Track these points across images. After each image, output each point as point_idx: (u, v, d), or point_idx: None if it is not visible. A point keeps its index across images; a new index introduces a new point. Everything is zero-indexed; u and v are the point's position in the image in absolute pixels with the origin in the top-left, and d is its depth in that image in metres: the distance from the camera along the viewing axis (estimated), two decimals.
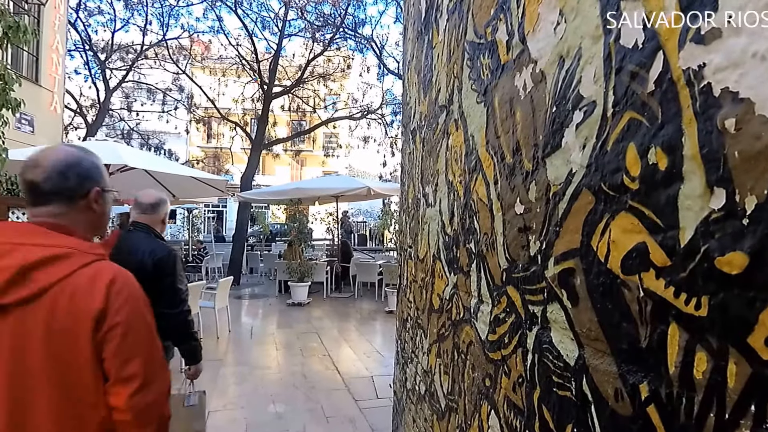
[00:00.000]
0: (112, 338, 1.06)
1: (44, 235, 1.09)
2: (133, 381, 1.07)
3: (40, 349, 1.02)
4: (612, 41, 0.78)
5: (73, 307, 1.04)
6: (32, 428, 1.02)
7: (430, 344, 2.05)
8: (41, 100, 9.01)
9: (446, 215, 1.86)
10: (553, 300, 0.96)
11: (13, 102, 3.65)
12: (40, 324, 1.02)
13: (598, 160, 0.82)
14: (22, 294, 1.02)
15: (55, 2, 9.12)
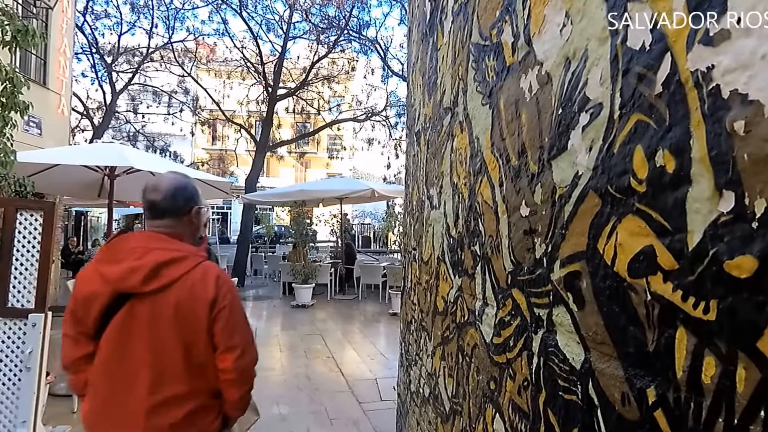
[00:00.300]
0: (221, 318, 1.42)
1: (165, 241, 1.47)
2: (236, 349, 1.44)
3: (169, 327, 1.39)
4: (619, 43, 0.77)
5: (193, 296, 1.41)
6: (168, 382, 1.39)
7: (435, 347, 2.05)
8: (49, 102, 9.08)
9: (451, 217, 1.86)
10: (559, 303, 0.95)
11: (22, 105, 3.67)
12: (169, 308, 1.39)
13: (605, 162, 0.81)
14: (156, 286, 1.39)
15: (63, 6, 9.20)
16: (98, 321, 1.42)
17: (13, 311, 2.60)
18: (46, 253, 3.05)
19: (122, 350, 1.41)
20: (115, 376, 1.41)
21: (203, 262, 1.49)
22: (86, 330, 1.45)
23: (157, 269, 1.40)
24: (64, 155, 5.71)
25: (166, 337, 1.40)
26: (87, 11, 14.32)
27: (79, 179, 6.46)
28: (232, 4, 12.98)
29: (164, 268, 1.41)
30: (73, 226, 15.49)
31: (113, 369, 1.42)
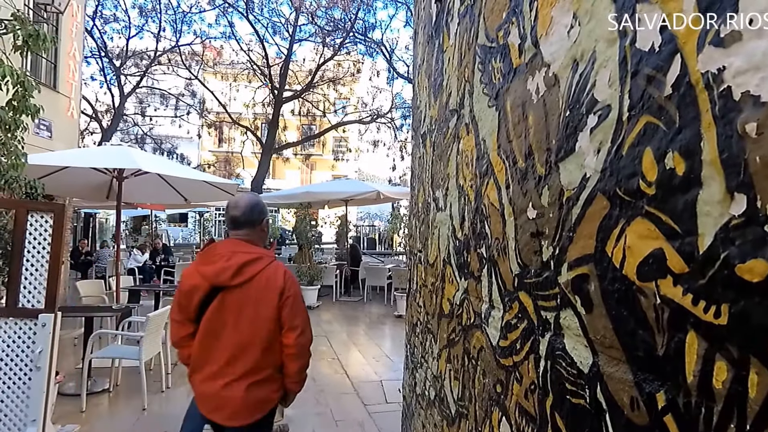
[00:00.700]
0: (287, 304, 1.87)
1: (245, 246, 1.92)
2: (297, 329, 1.88)
3: (250, 312, 1.85)
4: (627, 44, 0.77)
5: (267, 287, 1.86)
6: (248, 355, 1.84)
7: (440, 349, 2.04)
8: (59, 105, 9.16)
9: (457, 220, 1.85)
10: (567, 306, 0.95)
11: (33, 108, 3.71)
12: (251, 297, 1.85)
13: (613, 164, 0.80)
14: (240, 280, 1.85)
15: (73, 10, 9.29)
16: (198, 308, 1.88)
17: (24, 311, 2.62)
18: (56, 255, 3.07)
19: (216, 330, 1.86)
20: (210, 350, 1.87)
21: (273, 261, 1.95)
22: (189, 315, 1.91)
23: (241, 268, 1.85)
24: (73, 158, 5.77)
25: (247, 320, 1.85)
26: (96, 15, 14.48)
27: (88, 181, 6.52)
28: (239, 7, 13.06)
29: (246, 266, 1.86)
30: (82, 227, 15.61)
31: (209, 344, 1.87)
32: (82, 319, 4.76)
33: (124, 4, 15.25)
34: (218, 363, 1.86)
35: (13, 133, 3.67)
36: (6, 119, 3.57)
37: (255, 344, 1.85)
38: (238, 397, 1.83)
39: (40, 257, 3.12)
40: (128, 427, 3.59)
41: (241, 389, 1.83)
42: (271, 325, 1.86)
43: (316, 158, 26.72)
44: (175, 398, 4.19)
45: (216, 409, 1.88)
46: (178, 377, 4.67)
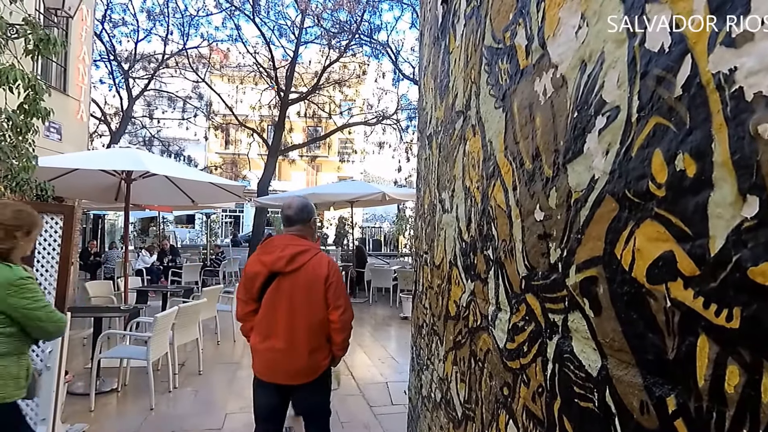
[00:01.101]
0: (331, 288, 2.31)
1: (297, 240, 2.36)
2: (341, 308, 2.33)
3: (302, 293, 2.28)
4: (636, 45, 0.76)
5: (315, 274, 2.29)
6: (300, 328, 2.27)
7: (447, 351, 2.03)
8: (68, 108, 9.25)
9: (463, 221, 1.84)
10: (575, 309, 0.94)
11: (43, 111, 3.75)
12: (301, 281, 2.28)
13: (622, 166, 0.79)
14: (293, 268, 2.28)
15: (82, 15, 9.37)
16: (259, 290, 2.31)
17: None
18: (65, 256, 3.10)
19: (273, 308, 2.29)
20: (272, 325, 2.29)
21: (320, 252, 2.39)
22: (252, 296, 2.34)
23: (294, 257, 2.28)
24: (82, 160, 5.82)
25: (300, 300, 2.27)
26: (105, 19, 14.60)
27: (96, 183, 6.57)
28: (245, 10, 13.13)
29: (297, 256, 2.28)
30: (91, 228, 15.74)
31: (270, 320, 2.29)
32: (91, 320, 4.80)
33: (132, 8, 15.39)
34: (281, 336, 2.28)
35: (24, 135, 3.71)
36: (17, 122, 3.61)
37: (308, 320, 2.28)
38: (301, 362, 2.28)
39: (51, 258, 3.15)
40: (136, 426, 3.61)
41: (303, 356, 2.27)
42: (320, 304, 2.29)
43: (322, 160, 26.77)
44: (182, 398, 4.20)
45: (281, 372, 2.32)
46: (185, 377, 4.69)
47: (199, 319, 5.08)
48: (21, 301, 1.85)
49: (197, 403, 4.11)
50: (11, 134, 3.63)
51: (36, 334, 1.96)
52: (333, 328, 2.33)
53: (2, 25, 3.62)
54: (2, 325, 1.84)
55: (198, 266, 10.81)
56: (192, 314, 4.78)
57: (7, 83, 3.51)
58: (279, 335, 2.26)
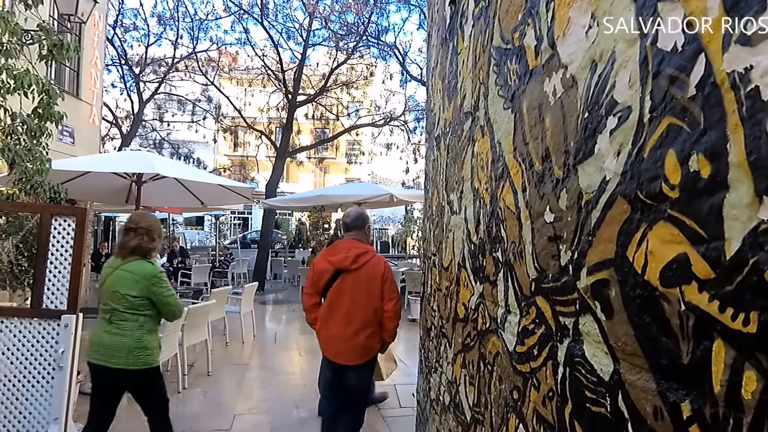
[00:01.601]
0: (387, 282, 2.74)
1: (357, 243, 2.81)
2: (394, 299, 2.75)
3: (362, 288, 2.71)
4: (648, 44, 0.75)
5: (375, 271, 2.73)
6: (358, 318, 2.69)
7: (455, 354, 2.02)
8: (81, 112, 9.38)
9: (472, 223, 1.83)
10: (586, 312, 0.92)
11: (57, 115, 3.81)
12: (362, 277, 2.71)
13: (634, 167, 0.78)
14: (357, 266, 2.72)
15: (95, 20, 9.50)
16: (325, 285, 2.76)
17: (47, 312, 2.67)
18: (77, 258, 3.13)
19: (339, 300, 2.72)
20: (334, 313, 2.74)
21: (376, 254, 2.85)
22: (318, 290, 2.81)
23: (357, 257, 2.73)
24: (94, 163, 5.89)
25: (359, 294, 2.71)
26: (117, 24, 14.78)
27: (108, 185, 6.65)
28: (254, 13, 13.21)
29: (360, 257, 2.73)
30: (102, 230, 15.92)
31: (333, 309, 2.73)
32: None
33: (143, 12, 15.57)
34: (341, 323, 2.71)
35: (38, 139, 3.77)
36: (32, 126, 3.67)
37: (366, 310, 2.71)
38: (357, 345, 2.70)
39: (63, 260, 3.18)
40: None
41: (359, 340, 2.69)
42: (377, 297, 2.72)
43: (330, 161, 26.83)
44: (191, 399, 4.23)
45: (340, 353, 2.75)
46: (194, 378, 4.72)
47: (208, 320, 5.11)
48: (160, 290, 2.50)
49: (206, 404, 4.13)
50: (26, 138, 3.69)
51: (165, 316, 2.60)
52: (387, 317, 2.73)
53: (17, 31, 3.68)
54: (147, 308, 2.49)
55: (207, 268, 10.88)
56: (201, 315, 4.81)
57: (22, 88, 3.57)
58: (339, 322, 2.71)
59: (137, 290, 2.44)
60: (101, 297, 2.55)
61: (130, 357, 2.42)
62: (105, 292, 2.52)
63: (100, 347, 2.46)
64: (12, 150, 3.50)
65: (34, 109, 3.74)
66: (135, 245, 2.54)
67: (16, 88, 3.58)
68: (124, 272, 2.48)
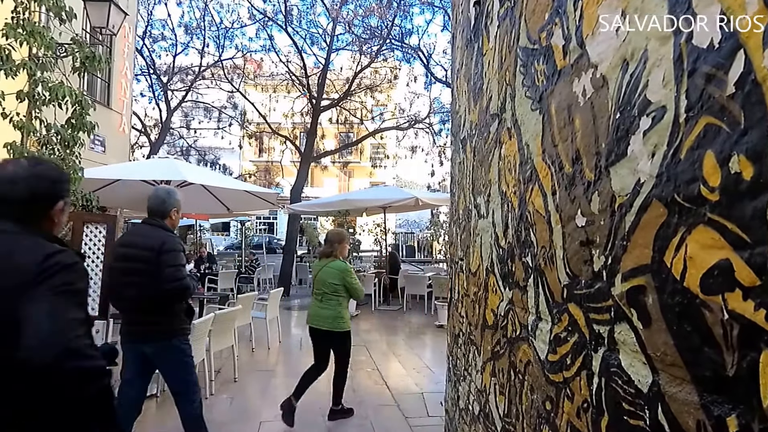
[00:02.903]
0: None
1: None
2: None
3: None
4: (683, 42, 0.73)
5: None
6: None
7: (484, 362, 2.00)
8: (111, 122, 9.78)
9: (500, 227, 1.81)
10: (621, 320, 0.90)
11: (89, 125, 3.98)
12: None
13: (670, 169, 0.76)
14: None
15: (125, 32, 9.90)
16: None
17: None
18: (108, 265, 3.26)
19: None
20: None
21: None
22: None
23: None
24: (124, 171, 6.13)
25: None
26: (146, 35, 15.36)
27: (137, 192, 6.89)
28: (278, 20, 13.48)
29: None
30: None
31: None
32: None
33: (171, 23, 16.11)
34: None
35: (71, 149, 3.94)
36: (65, 136, 3.85)
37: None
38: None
39: (95, 266, 3.31)
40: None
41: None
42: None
43: (354, 165, 27.02)
44: (218, 405, 4.31)
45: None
46: (221, 384, 4.81)
47: (234, 326, 5.21)
48: (350, 280, 3.77)
49: (233, 411, 4.20)
50: (59, 148, 3.86)
51: (353, 296, 3.88)
52: None
53: (52, 44, 3.87)
54: (343, 292, 3.78)
55: (233, 273, 11.10)
56: (228, 321, 4.91)
57: (57, 100, 3.75)
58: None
59: (337, 279, 3.74)
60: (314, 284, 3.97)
61: (333, 323, 3.74)
62: (317, 281, 3.87)
63: (315, 316, 3.83)
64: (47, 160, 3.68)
65: (68, 119, 3.92)
66: (330, 251, 3.90)
67: (51, 100, 3.76)
68: (328, 268, 3.80)
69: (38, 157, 2.60)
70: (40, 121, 3.80)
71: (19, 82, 3.76)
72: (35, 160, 1.39)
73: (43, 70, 3.78)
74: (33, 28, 3.69)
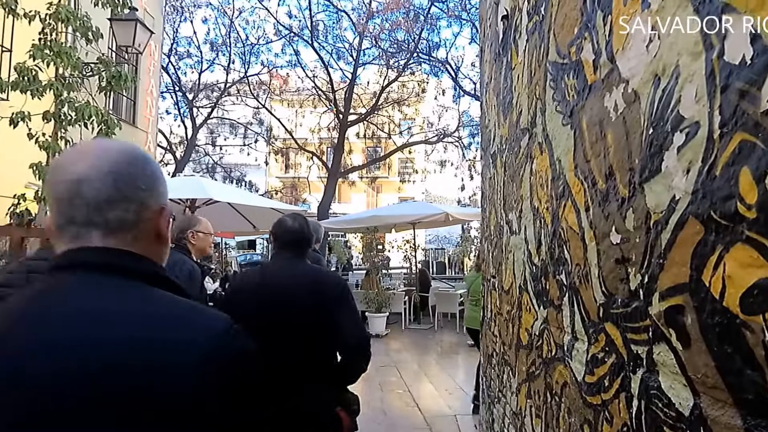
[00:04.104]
0: None
1: None
2: None
3: None
4: (715, 57, 0.75)
5: None
6: None
7: (519, 383, 1.98)
8: (137, 140, 10.21)
9: (532, 244, 1.82)
10: (660, 340, 0.90)
11: None
12: None
13: (706, 185, 0.77)
14: None
15: (150, 50, 10.39)
16: None
17: None
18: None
19: None
20: None
21: None
22: None
23: None
24: None
25: None
26: (171, 53, 16.06)
27: None
28: (304, 35, 13.90)
29: None
30: None
31: None
32: None
33: (196, 40, 16.83)
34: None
35: None
36: None
37: None
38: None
39: None
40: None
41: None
42: None
43: (382, 180, 27.20)
44: None
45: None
46: None
47: None
48: None
49: None
50: None
51: None
52: None
53: (79, 65, 4.11)
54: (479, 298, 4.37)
55: None
56: None
57: (83, 119, 3.95)
58: None
59: None
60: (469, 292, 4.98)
61: None
62: (472, 290, 4.86)
63: (470, 319, 4.77)
64: None
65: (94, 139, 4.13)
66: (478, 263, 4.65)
67: (77, 120, 3.95)
68: (479, 280, 4.40)
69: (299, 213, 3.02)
70: (65, 141, 4.00)
71: (45, 103, 3.97)
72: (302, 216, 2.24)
73: (69, 90, 3.98)
74: (60, 48, 3.90)
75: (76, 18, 4.05)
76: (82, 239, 0.73)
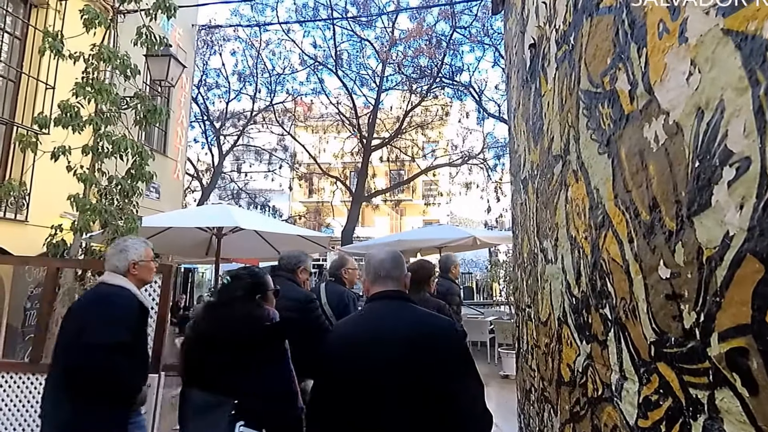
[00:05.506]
0: None
1: None
2: None
3: None
4: (762, 93, 0.74)
5: None
6: None
7: (563, 423, 1.92)
8: (167, 169, 10.57)
9: (571, 274, 1.79)
10: (723, 385, 0.87)
11: (147, 175, 4.34)
12: None
13: (763, 222, 0.76)
14: None
15: (182, 82, 10.83)
16: None
17: None
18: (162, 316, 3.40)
19: None
20: None
21: None
22: None
23: None
24: (177, 218, 6.57)
25: None
26: (201, 84, 16.72)
27: (190, 239, 7.33)
28: (329, 64, 14.27)
29: None
30: (181, 282, 17.18)
31: None
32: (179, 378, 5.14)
33: (225, 71, 17.49)
34: None
35: (130, 199, 4.28)
36: (126, 187, 4.19)
37: None
38: None
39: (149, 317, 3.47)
40: None
41: None
42: None
43: (406, 204, 27.21)
44: None
45: None
46: None
47: None
48: None
49: None
50: (118, 198, 4.20)
51: None
52: None
53: (117, 100, 4.31)
54: None
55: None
56: None
57: (119, 152, 4.12)
58: None
59: None
60: None
61: None
62: None
63: None
64: (107, 211, 4.01)
65: (128, 170, 4.27)
66: None
67: (114, 152, 4.13)
68: None
69: None
70: (102, 173, 4.17)
71: (84, 136, 4.17)
72: None
73: (107, 125, 4.17)
74: (101, 86, 4.12)
75: (116, 57, 4.27)
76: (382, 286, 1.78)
